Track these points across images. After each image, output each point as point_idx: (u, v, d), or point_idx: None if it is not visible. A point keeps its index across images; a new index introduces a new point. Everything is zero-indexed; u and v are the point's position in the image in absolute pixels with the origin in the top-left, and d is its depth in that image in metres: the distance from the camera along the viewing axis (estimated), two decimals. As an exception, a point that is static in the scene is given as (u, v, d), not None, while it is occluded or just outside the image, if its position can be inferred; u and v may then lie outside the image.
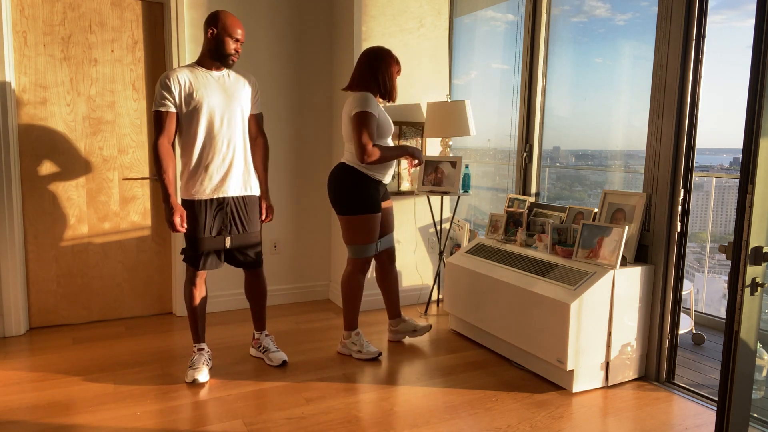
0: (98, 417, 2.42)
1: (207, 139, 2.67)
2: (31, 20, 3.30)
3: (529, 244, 3.23)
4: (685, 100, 2.66)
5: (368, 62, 2.95)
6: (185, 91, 2.62)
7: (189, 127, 2.66)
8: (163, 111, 2.62)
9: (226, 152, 2.71)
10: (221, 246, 2.77)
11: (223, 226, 2.75)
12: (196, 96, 2.63)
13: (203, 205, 2.71)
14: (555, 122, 3.55)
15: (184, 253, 2.78)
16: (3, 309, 3.34)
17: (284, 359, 2.97)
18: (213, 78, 2.70)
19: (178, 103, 2.63)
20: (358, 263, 3.04)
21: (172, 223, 2.63)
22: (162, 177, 2.62)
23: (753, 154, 1.71)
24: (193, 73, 2.67)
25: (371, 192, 2.96)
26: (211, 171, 2.69)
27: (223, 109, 2.68)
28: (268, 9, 3.80)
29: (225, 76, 2.74)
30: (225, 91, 2.70)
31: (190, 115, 2.65)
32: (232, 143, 2.72)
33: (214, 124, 2.67)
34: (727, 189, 3.92)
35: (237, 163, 2.74)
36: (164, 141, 2.63)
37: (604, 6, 3.28)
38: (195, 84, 2.64)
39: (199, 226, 2.71)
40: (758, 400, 2.53)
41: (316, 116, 4.06)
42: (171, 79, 2.61)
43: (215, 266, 2.79)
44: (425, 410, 2.52)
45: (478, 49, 4.05)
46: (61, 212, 3.48)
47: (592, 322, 2.66)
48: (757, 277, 1.73)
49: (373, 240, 3.01)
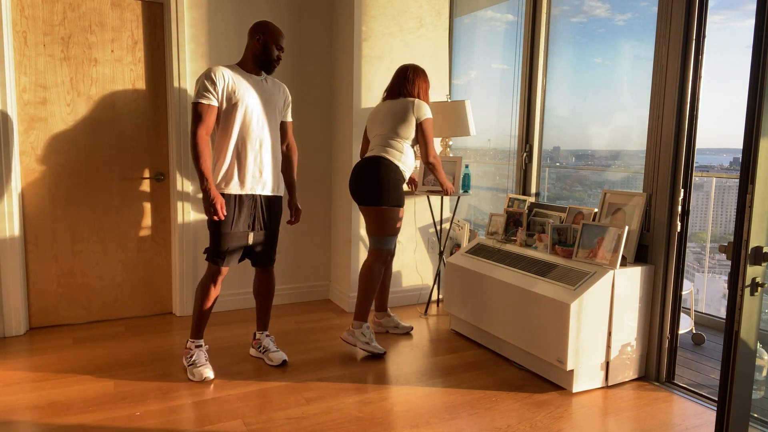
0: (98, 417, 2.42)
1: (242, 137, 2.74)
2: (31, 20, 3.30)
3: (529, 244, 3.24)
4: (685, 100, 2.66)
5: (417, 74, 3.28)
6: (228, 88, 2.70)
7: (226, 123, 2.73)
8: (204, 103, 2.68)
9: (258, 151, 2.79)
10: (244, 242, 2.83)
11: (248, 222, 2.81)
12: (237, 94, 2.71)
13: (233, 201, 2.76)
14: (555, 122, 3.55)
15: (208, 251, 2.81)
16: (3, 309, 3.34)
17: (284, 359, 2.98)
18: (254, 81, 2.79)
19: (219, 98, 2.70)
20: (382, 254, 3.19)
21: (214, 210, 2.66)
22: (200, 165, 2.66)
23: (753, 154, 1.71)
24: (236, 72, 2.76)
25: (402, 187, 3.18)
26: (243, 168, 2.76)
27: (259, 111, 2.78)
28: (267, 9, 3.80)
29: (264, 81, 2.84)
30: (263, 94, 2.81)
31: (228, 112, 2.72)
32: (265, 144, 2.80)
33: (251, 123, 2.75)
34: (727, 189, 3.92)
35: (267, 163, 2.82)
36: (202, 132, 2.68)
37: (604, 6, 3.28)
38: (238, 83, 2.73)
39: (227, 221, 2.76)
40: (758, 400, 2.53)
41: (317, 116, 4.06)
42: (216, 73, 2.68)
43: (235, 263, 2.85)
44: (425, 410, 2.52)
45: (478, 49, 4.05)
46: (61, 212, 3.48)
47: (592, 322, 2.66)
48: (757, 277, 1.73)
49: (397, 233, 3.22)
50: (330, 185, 4.17)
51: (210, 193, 2.66)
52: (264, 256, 2.94)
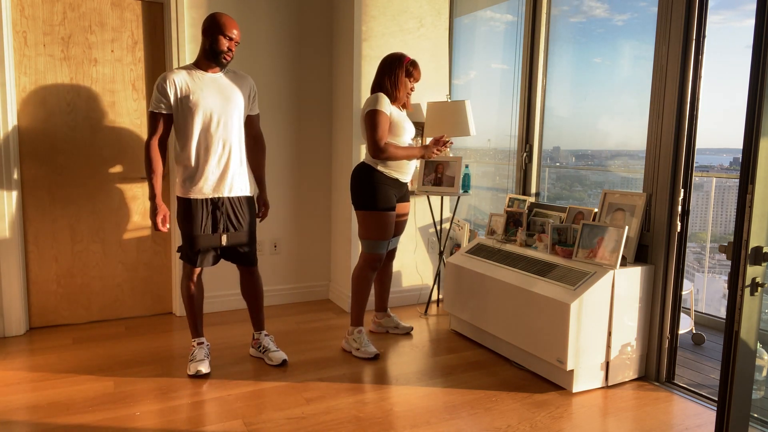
0: (98, 417, 2.42)
1: (203, 140, 2.71)
2: (31, 20, 3.30)
3: (529, 244, 3.23)
4: (685, 100, 2.66)
5: (381, 66, 3.09)
6: (181, 93, 2.67)
7: (185, 127, 2.70)
8: (156, 112, 2.69)
9: (221, 153, 2.74)
10: (218, 243, 2.81)
11: (218, 224, 2.79)
12: (192, 97, 2.67)
13: (199, 204, 2.75)
14: (555, 122, 3.55)
15: (181, 250, 2.84)
16: (3, 309, 3.34)
17: (284, 359, 2.97)
18: (209, 79, 2.73)
19: (173, 105, 2.68)
20: (369, 258, 3.12)
21: (155, 223, 2.71)
22: (150, 176, 2.70)
23: (753, 154, 1.71)
24: (190, 74, 2.71)
25: (386, 189, 3.07)
26: (207, 171, 2.72)
27: (219, 111, 2.71)
28: (267, 9, 3.80)
29: (221, 77, 2.77)
30: (221, 92, 2.74)
31: (185, 116, 2.68)
32: (228, 144, 2.75)
33: (210, 125, 2.70)
34: (727, 189, 3.92)
35: (233, 163, 2.78)
36: (154, 142, 2.71)
37: (602, 6, 3.28)
38: (191, 85, 2.68)
39: (195, 225, 2.75)
40: (758, 400, 2.53)
41: (317, 116, 4.06)
42: (167, 81, 2.66)
43: (211, 263, 2.84)
44: (425, 410, 2.52)
45: (478, 49, 4.05)
46: (61, 212, 3.48)
47: (592, 322, 2.66)
48: (757, 277, 1.73)
49: (386, 237, 3.10)
50: (330, 185, 4.17)
51: (152, 204, 2.70)
52: (243, 256, 2.91)
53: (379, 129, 2.95)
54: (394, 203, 3.11)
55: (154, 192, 2.70)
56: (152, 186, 2.70)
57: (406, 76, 3.06)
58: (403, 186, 3.20)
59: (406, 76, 3.06)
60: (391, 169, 3.08)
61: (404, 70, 3.06)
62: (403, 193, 3.23)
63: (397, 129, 3.05)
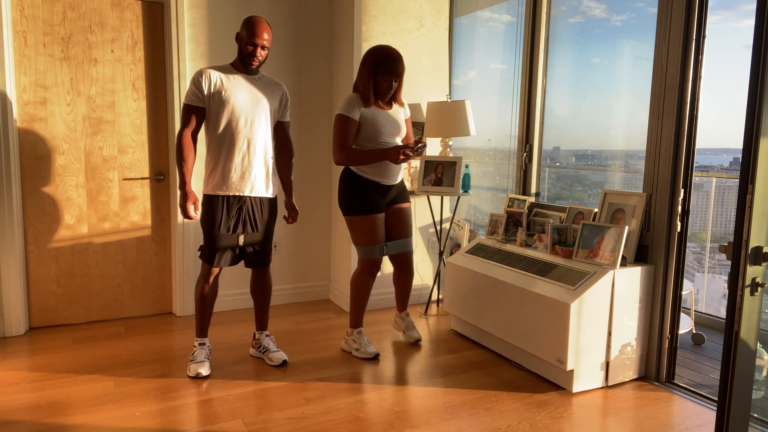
0: (98, 417, 2.42)
1: (228, 137, 2.75)
2: (31, 20, 3.30)
3: (529, 244, 3.23)
4: (685, 100, 2.66)
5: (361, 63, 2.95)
6: (214, 88, 2.72)
7: (215, 123, 2.75)
8: (190, 105, 2.74)
9: (245, 152, 2.77)
10: (236, 243, 2.84)
11: (238, 224, 2.81)
12: (223, 94, 2.72)
13: (221, 202, 2.77)
14: (555, 122, 3.55)
15: (201, 250, 2.85)
16: (3, 309, 3.34)
17: (284, 359, 2.98)
18: (242, 80, 2.79)
19: (206, 99, 2.73)
20: (364, 264, 3.06)
21: (185, 209, 2.72)
22: (180, 165, 2.73)
23: (753, 154, 1.71)
24: (226, 72, 2.77)
25: (367, 193, 2.97)
26: (230, 168, 2.76)
27: (247, 110, 2.76)
28: (267, 8, 3.80)
29: (254, 80, 2.82)
30: (252, 93, 2.79)
31: (216, 112, 2.74)
32: (253, 144, 2.79)
33: (237, 123, 2.74)
34: (727, 189, 3.92)
35: (256, 163, 2.80)
36: (187, 133, 2.74)
37: (600, 6, 3.28)
38: (225, 83, 2.74)
39: (215, 223, 2.78)
40: (758, 400, 2.53)
41: (316, 116, 4.06)
42: (203, 75, 2.72)
43: (229, 263, 2.85)
44: (425, 410, 2.52)
45: (478, 50, 4.05)
46: (61, 212, 3.48)
47: (592, 322, 2.66)
48: (757, 277, 1.73)
49: (375, 242, 3.01)
50: (330, 185, 4.17)
51: (182, 192, 2.72)
52: (257, 257, 2.93)
53: (336, 134, 2.89)
54: (380, 207, 3.00)
55: (185, 180, 2.73)
56: (182, 174, 2.73)
57: (379, 73, 2.85)
58: (390, 189, 3.05)
59: (379, 73, 2.85)
60: (368, 173, 2.96)
61: (373, 67, 2.86)
62: (395, 195, 3.09)
63: (369, 130, 2.91)
